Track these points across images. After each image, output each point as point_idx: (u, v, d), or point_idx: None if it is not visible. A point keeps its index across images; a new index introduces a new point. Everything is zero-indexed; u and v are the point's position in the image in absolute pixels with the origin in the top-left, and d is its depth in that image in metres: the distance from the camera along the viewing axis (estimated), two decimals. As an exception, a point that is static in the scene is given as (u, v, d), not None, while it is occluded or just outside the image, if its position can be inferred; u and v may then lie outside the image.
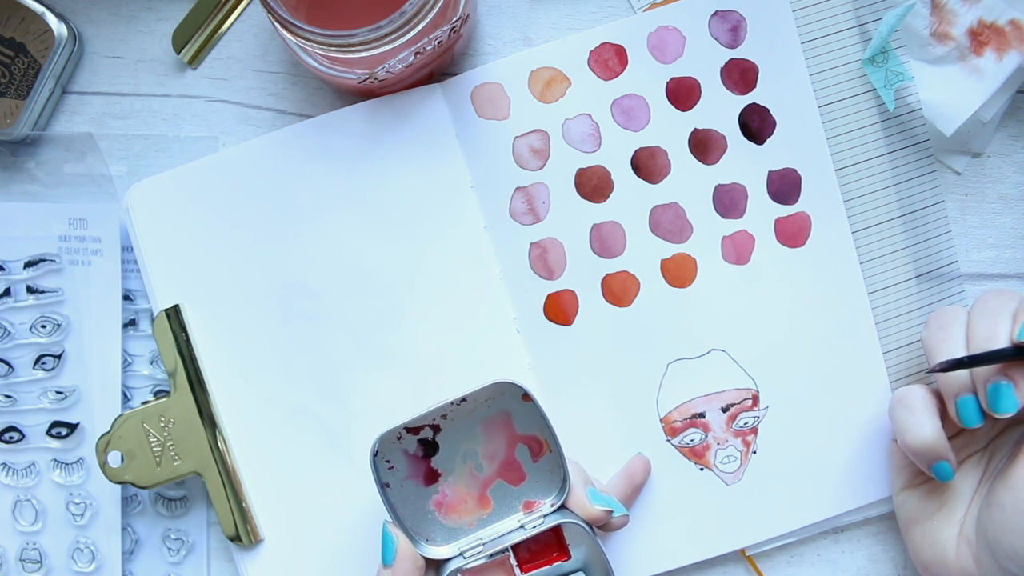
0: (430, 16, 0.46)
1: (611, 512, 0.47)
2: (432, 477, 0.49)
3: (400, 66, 0.48)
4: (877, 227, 0.53)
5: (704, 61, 0.53)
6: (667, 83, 0.53)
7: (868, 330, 0.53)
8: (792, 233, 0.53)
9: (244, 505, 0.52)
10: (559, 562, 0.47)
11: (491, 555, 0.46)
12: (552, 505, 0.48)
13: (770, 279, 0.53)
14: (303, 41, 0.46)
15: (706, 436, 0.53)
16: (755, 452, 0.53)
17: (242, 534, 0.52)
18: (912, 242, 0.53)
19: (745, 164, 0.53)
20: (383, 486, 0.47)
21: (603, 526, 0.47)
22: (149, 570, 0.54)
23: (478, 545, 0.47)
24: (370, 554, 0.52)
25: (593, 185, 0.53)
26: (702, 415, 0.53)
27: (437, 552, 0.48)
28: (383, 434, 0.46)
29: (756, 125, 0.53)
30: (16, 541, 0.54)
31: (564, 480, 0.47)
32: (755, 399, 0.53)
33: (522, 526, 0.47)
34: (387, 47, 0.46)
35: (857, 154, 0.53)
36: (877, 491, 0.53)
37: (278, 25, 0.46)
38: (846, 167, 0.53)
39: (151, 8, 0.55)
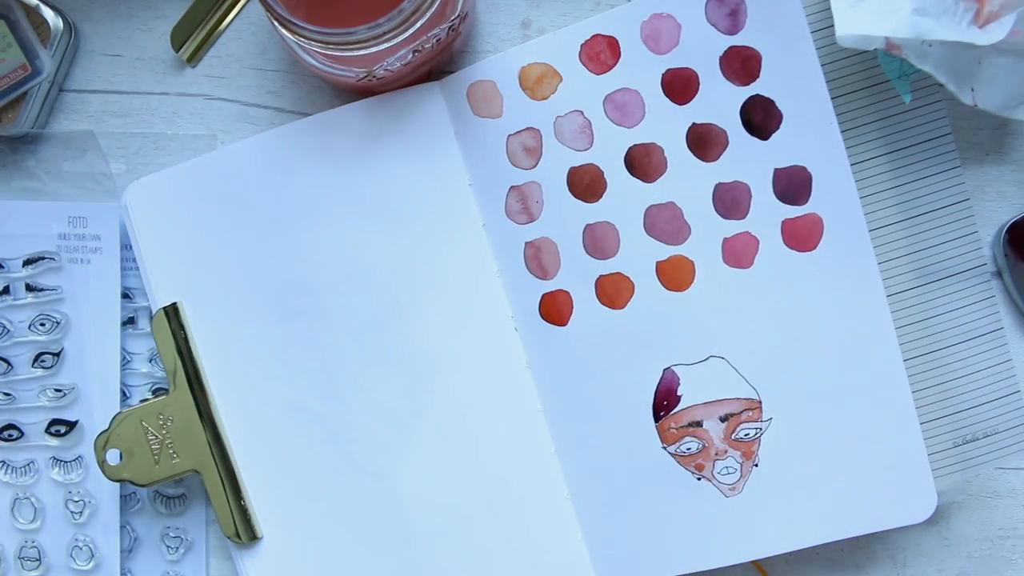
0: (428, 14, 0.45)
1: None
2: None
3: (398, 64, 0.48)
4: (894, 226, 0.51)
5: (701, 50, 0.50)
6: (663, 75, 0.51)
7: (888, 340, 0.50)
8: (802, 236, 0.50)
9: (243, 503, 0.52)
10: None
11: None
12: None
13: (775, 284, 0.50)
14: (301, 39, 0.46)
15: (704, 446, 0.51)
16: (756, 465, 0.51)
17: (241, 532, 0.52)
18: (936, 242, 0.51)
19: (748, 161, 0.51)
20: None
21: None
22: (148, 568, 0.54)
23: None
24: (369, 552, 0.53)
25: (585, 184, 0.51)
26: (699, 423, 0.51)
27: None
28: None
29: (760, 119, 0.50)
30: (15, 539, 0.54)
31: None
32: (757, 410, 0.51)
33: None
34: (385, 45, 0.46)
35: (869, 149, 0.51)
36: (892, 518, 0.50)
37: (276, 23, 0.46)
38: (858, 163, 0.50)
39: (149, 6, 0.55)
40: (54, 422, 0.53)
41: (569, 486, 0.52)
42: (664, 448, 0.52)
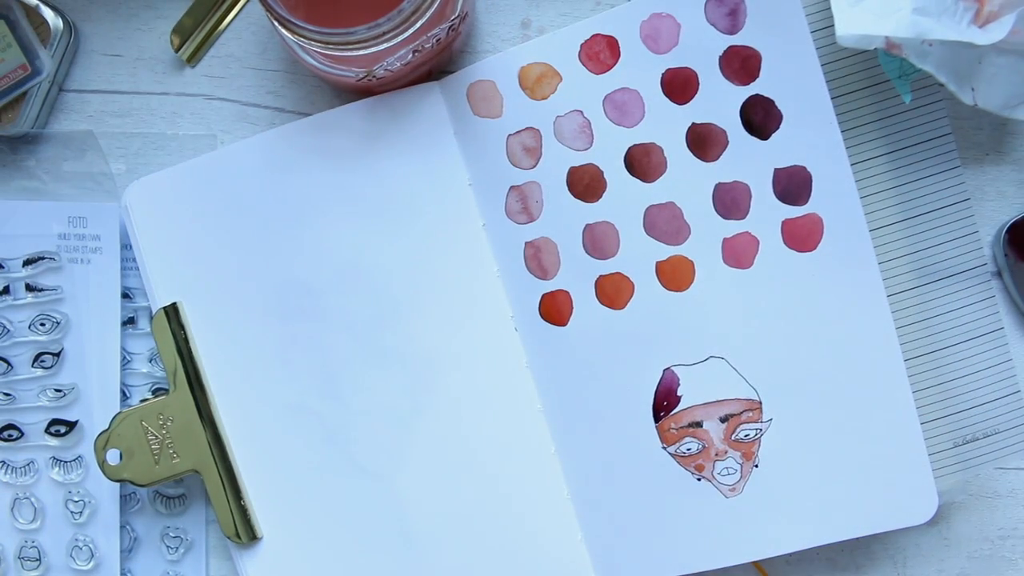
0: (428, 14, 0.45)
1: None
2: None
3: (398, 64, 0.48)
4: (894, 226, 0.51)
5: (701, 50, 0.50)
6: (662, 75, 0.51)
7: (888, 340, 0.50)
8: (802, 236, 0.50)
9: (243, 503, 0.52)
10: None
11: None
12: None
13: (775, 285, 0.50)
14: (301, 39, 0.46)
15: (704, 446, 0.51)
16: (756, 466, 0.51)
17: (241, 532, 0.52)
18: (936, 242, 0.51)
19: (748, 161, 0.50)
20: None
21: None
22: (148, 568, 0.54)
23: None
24: (369, 552, 0.52)
25: (585, 184, 0.51)
26: (699, 424, 0.51)
27: None
28: None
29: (760, 119, 0.50)
30: (15, 539, 0.54)
31: None
32: (757, 410, 0.51)
33: None
34: (385, 45, 0.46)
35: (870, 149, 0.50)
36: (893, 519, 0.50)
37: (276, 23, 0.46)
38: (858, 163, 0.50)
39: (149, 6, 0.55)
40: (54, 422, 0.53)
41: (569, 486, 0.52)
42: (664, 448, 0.52)
